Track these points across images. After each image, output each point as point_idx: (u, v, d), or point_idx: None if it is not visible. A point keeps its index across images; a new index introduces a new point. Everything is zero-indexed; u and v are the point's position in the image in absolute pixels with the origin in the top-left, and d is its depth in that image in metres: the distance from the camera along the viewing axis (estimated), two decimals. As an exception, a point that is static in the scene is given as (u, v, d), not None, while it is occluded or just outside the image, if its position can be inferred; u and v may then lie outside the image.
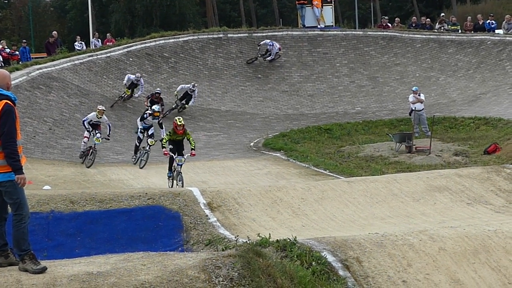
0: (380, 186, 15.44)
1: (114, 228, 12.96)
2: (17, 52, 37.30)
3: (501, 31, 38.91)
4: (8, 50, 37.29)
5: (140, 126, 25.12)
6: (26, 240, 8.58)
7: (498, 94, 33.43)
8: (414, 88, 29.19)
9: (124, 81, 32.35)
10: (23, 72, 30.35)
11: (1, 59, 35.45)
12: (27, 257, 8.51)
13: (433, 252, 10.45)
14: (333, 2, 42.52)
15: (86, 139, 24.66)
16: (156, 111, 24.85)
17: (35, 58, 38.11)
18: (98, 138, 24.42)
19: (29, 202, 9.33)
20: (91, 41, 40.50)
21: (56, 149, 26.76)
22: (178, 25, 54.63)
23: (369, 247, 10.39)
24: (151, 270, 8.49)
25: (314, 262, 9.74)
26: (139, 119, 25.43)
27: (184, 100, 32.56)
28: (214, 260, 8.78)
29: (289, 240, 10.36)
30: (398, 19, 43.56)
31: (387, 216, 14.11)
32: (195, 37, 38.07)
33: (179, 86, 32.91)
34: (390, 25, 41.54)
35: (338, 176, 21.43)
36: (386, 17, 44.11)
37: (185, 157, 20.61)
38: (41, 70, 31.04)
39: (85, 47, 38.40)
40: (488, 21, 39.82)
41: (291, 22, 53.14)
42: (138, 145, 24.97)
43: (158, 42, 36.89)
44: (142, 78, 32.58)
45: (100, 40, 40.09)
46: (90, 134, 24.61)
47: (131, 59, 35.36)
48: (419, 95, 28.39)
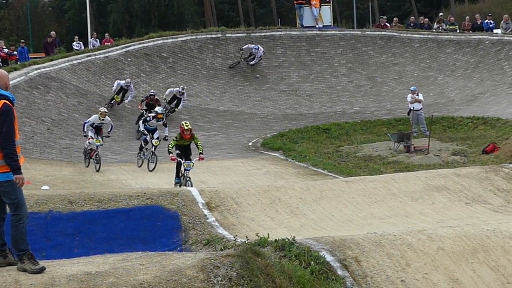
0: (378, 185, 15.44)
1: (112, 228, 12.95)
2: (15, 52, 37.30)
3: (499, 31, 38.95)
4: (6, 50, 37.27)
5: (141, 128, 24.74)
6: (24, 240, 8.58)
7: (496, 93, 33.46)
8: (412, 88, 29.22)
9: (113, 87, 31.75)
10: (21, 72, 30.36)
11: (-1, 59, 35.50)
12: (26, 257, 8.51)
13: (431, 251, 10.45)
14: (331, 2, 42.55)
15: (92, 140, 23.82)
16: (159, 113, 24.51)
17: (33, 58, 38.09)
18: (98, 139, 23.79)
19: (27, 202, 9.33)
20: (89, 41, 40.49)
21: (54, 149, 26.75)
22: (177, 25, 54.60)
23: (367, 247, 10.39)
24: (150, 270, 8.49)
25: (312, 262, 9.74)
26: (142, 122, 25.03)
27: (173, 103, 32.11)
28: (212, 260, 8.77)
29: (287, 239, 10.36)
30: (396, 19, 43.61)
31: (386, 215, 14.11)
32: (193, 37, 38.08)
33: (168, 89, 32.48)
34: (388, 24, 41.56)
35: (336, 175, 21.43)
36: (385, 16, 44.15)
37: (193, 161, 19.93)
38: (39, 70, 31.04)
39: (83, 47, 38.41)
40: (486, 20, 39.86)
41: (289, 22, 53.11)
42: (144, 146, 24.40)
43: (156, 42, 36.90)
44: (132, 83, 31.96)
45: (98, 40, 40.10)
46: (91, 137, 23.85)
47: (129, 59, 35.36)
48: (417, 95, 28.40)
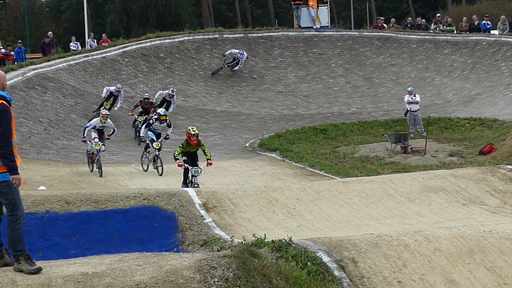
0: (375, 186, 15.45)
1: (109, 228, 12.96)
2: (12, 52, 37.25)
3: (496, 32, 39.02)
4: (3, 50, 37.20)
5: (142, 134, 23.82)
6: (21, 240, 8.57)
7: (493, 94, 33.50)
8: (410, 88, 29.23)
9: (102, 94, 30.94)
10: (19, 72, 30.35)
11: (-4, 60, 35.48)
12: (22, 257, 8.50)
13: (428, 252, 10.46)
14: (328, 3, 42.53)
15: (97, 139, 22.99)
16: (162, 115, 23.36)
17: (31, 58, 38.11)
18: (97, 143, 22.86)
19: (24, 203, 9.33)
20: (87, 41, 40.47)
21: (51, 149, 26.73)
22: (174, 25, 54.58)
23: (364, 248, 10.40)
24: (147, 271, 8.49)
25: (309, 263, 9.74)
26: (144, 126, 23.83)
27: (163, 106, 30.16)
28: (209, 260, 8.77)
29: (284, 240, 10.36)
30: (394, 20, 43.65)
31: (383, 216, 14.12)
32: (191, 37, 38.10)
33: (157, 93, 31.61)
34: (385, 25, 41.58)
35: (333, 176, 21.43)
36: (382, 17, 44.14)
37: (201, 167, 19.09)
38: (36, 71, 31.03)
39: (80, 48, 38.38)
40: (483, 21, 39.91)
41: (287, 23, 53.10)
42: (151, 145, 23.26)
43: (153, 43, 36.90)
44: (122, 89, 31.20)
45: (95, 40, 40.06)
46: (90, 141, 23.13)
47: (127, 60, 35.36)
48: (415, 96, 28.42)
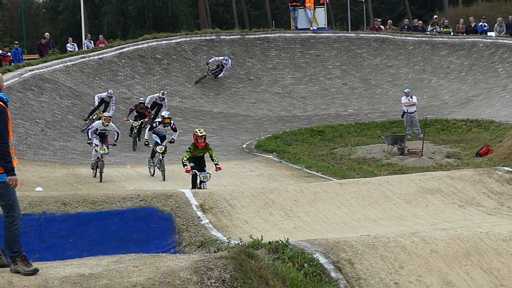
0: (372, 188, 15.46)
1: (106, 229, 12.95)
2: (9, 53, 37.20)
3: (493, 34, 39.03)
4: (0, 51, 37.21)
5: (146, 136, 23.11)
6: (17, 242, 8.57)
7: (490, 96, 33.53)
8: (406, 90, 29.25)
9: (95, 101, 29.78)
10: (15, 73, 30.32)
11: (-7, 61, 35.44)
12: (19, 258, 8.50)
13: (425, 254, 10.47)
14: (325, 4, 42.54)
15: (98, 147, 22.45)
16: (166, 117, 22.83)
17: (27, 59, 38.05)
18: (102, 148, 22.37)
19: (21, 204, 9.32)
20: (84, 42, 40.40)
21: (48, 150, 26.71)
22: (171, 26, 54.51)
23: (361, 249, 10.40)
24: (143, 272, 8.49)
25: (306, 264, 9.75)
26: (148, 129, 23.31)
27: (154, 110, 30.00)
28: (206, 262, 8.78)
29: (281, 242, 10.36)
30: (391, 21, 43.64)
31: (379, 218, 14.13)
32: (188, 38, 38.06)
33: (148, 97, 30.59)
34: (382, 27, 41.59)
35: (330, 178, 21.44)
36: (379, 19, 44.14)
37: (210, 172, 18.63)
38: (33, 72, 31.00)
39: (77, 49, 38.32)
40: (480, 23, 39.95)
41: (284, 24, 53.08)
42: (155, 150, 22.63)
43: (150, 44, 36.87)
44: (114, 95, 30.03)
45: (92, 41, 40.03)
46: (100, 143, 22.58)
47: (124, 61, 35.33)
48: (411, 97, 28.43)
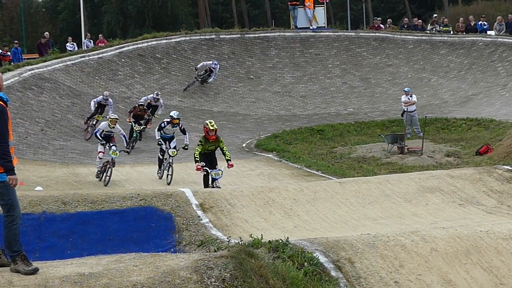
0: (372, 187, 15.46)
1: (106, 229, 12.95)
2: (9, 53, 37.21)
3: (492, 32, 39.03)
4: (0, 51, 37.23)
5: (157, 137, 22.18)
6: (17, 241, 8.57)
7: (489, 95, 33.52)
8: (406, 89, 29.26)
9: (91, 107, 29.09)
10: (15, 73, 30.31)
11: (-7, 60, 35.45)
12: (19, 258, 8.50)
13: (425, 253, 10.47)
14: (325, 3, 42.55)
15: (102, 154, 21.83)
16: (174, 118, 21.89)
17: (27, 59, 38.06)
18: (115, 151, 21.53)
19: (21, 203, 9.32)
20: (83, 42, 40.41)
21: (48, 150, 26.70)
22: (171, 26, 54.55)
23: (361, 248, 10.40)
24: (143, 271, 8.49)
25: (306, 263, 9.74)
26: (157, 129, 22.41)
27: (149, 111, 29.38)
28: (206, 261, 8.78)
29: (281, 241, 10.36)
30: (390, 20, 43.65)
31: (379, 217, 14.13)
32: (187, 38, 38.06)
33: (142, 98, 30.24)
34: (382, 26, 41.59)
35: (330, 177, 21.44)
36: (379, 18, 44.15)
37: (222, 169, 18.16)
38: (33, 71, 30.99)
39: (77, 48, 38.32)
40: (480, 22, 39.94)
41: (283, 23, 53.15)
42: (161, 158, 22.16)
43: (150, 43, 36.87)
44: (110, 97, 29.40)
45: (92, 41, 40.03)
46: (105, 148, 21.96)
47: (123, 60, 35.33)
48: (411, 96, 28.44)
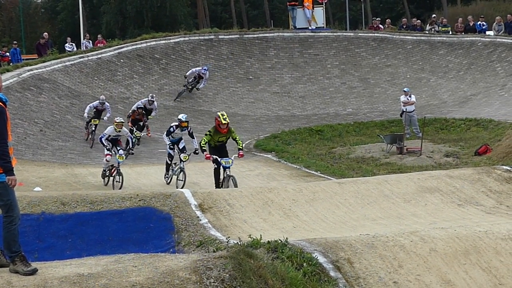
0: (371, 187, 15.45)
1: (105, 229, 12.94)
2: (7, 53, 37.23)
3: (491, 33, 39.06)
4: (-2, 51, 37.26)
5: (167, 142, 21.40)
6: (16, 242, 8.57)
7: (488, 95, 33.55)
8: (406, 89, 29.28)
9: (85, 113, 28.60)
10: (14, 73, 30.31)
11: (-8, 61, 35.46)
12: (18, 258, 8.50)
13: (424, 253, 10.47)
14: (324, 4, 42.56)
15: (109, 157, 21.40)
16: (183, 121, 21.07)
17: (26, 59, 38.11)
18: (121, 156, 21.25)
19: (20, 204, 9.32)
20: (82, 42, 40.44)
21: (47, 150, 26.70)
22: (169, 26, 54.57)
23: (360, 248, 10.40)
24: (142, 272, 8.49)
25: (305, 263, 9.74)
26: (165, 134, 21.54)
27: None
28: (205, 261, 8.78)
29: (280, 241, 10.35)
30: (389, 21, 43.68)
31: (378, 217, 14.12)
32: (186, 38, 38.09)
33: (136, 103, 29.79)
34: (381, 26, 41.61)
35: (329, 177, 21.43)
36: (378, 18, 44.17)
37: (232, 158, 17.93)
38: (32, 72, 31.00)
39: (75, 49, 38.35)
40: (478, 22, 39.97)
41: (282, 24, 53.12)
42: (169, 162, 21.56)
43: (149, 44, 36.90)
44: (107, 101, 28.99)
45: (91, 41, 40.05)
46: (112, 152, 21.62)
47: (122, 61, 35.35)
48: (410, 97, 28.45)
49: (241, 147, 18.12)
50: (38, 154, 26.01)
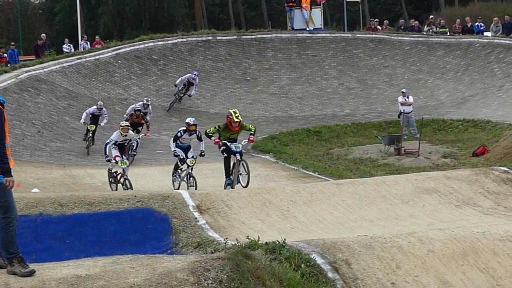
0: (369, 188, 15.45)
1: (103, 231, 12.94)
2: (5, 54, 37.17)
3: (489, 34, 39.07)
4: (-4, 52, 37.21)
5: (173, 148, 20.23)
6: (14, 243, 8.57)
7: (486, 96, 33.57)
8: (404, 90, 29.30)
9: (82, 119, 27.86)
10: (12, 74, 30.30)
11: (-11, 62, 35.41)
12: (16, 260, 8.49)
13: (421, 254, 10.47)
14: (322, 5, 42.53)
15: (119, 158, 20.40)
16: (191, 124, 19.98)
17: (24, 60, 38.07)
18: (123, 162, 20.38)
19: (17, 205, 9.32)
20: (80, 43, 40.42)
21: (44, 152, 26.68)
22: (167, 27, 54.53)
23: (358, 249, 10.40)
24: (140, 273, 8.48)
25: (303, 265, 9.74)
26: (172, 140, 20.46)
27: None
28: (203, 262, 8.78)
29: (278, 242, 10.35)
30: (387, 22, 43.65)
31: (376, 218, 14.13)
32: (184, 39, 38.05)
33: (129, 107, 29.26)
34: (379, 27, 41.60)
35: (327, 178, 21.44)
36: (376, 19, 44.15)
37: (242, 142, 17.40)
38: (29, 73, 30.98)
39: (73, 50, 38.32)
40: (476, 23, 39.97)
41: (280, 25, 53.08)
42: (180, 165, 20.53)
43: (147, 45, 36.85)
44: (104, 107, 28.43)
45: (88, 42, 40.00)
46: (121, 155, 20.59)
47: (120, 62, 35.31)
48: (408, 98, 28.47)
49: (253, 132, 17.81)
50: (35, 156, 26.00)
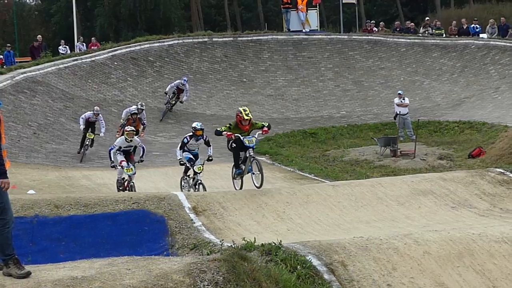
0: (365, 190, 15.46)
1: (98, 232, 12.93)
2: (1, 56, 37.19)
3: (485, 35, 39.09)
4: (-8, 54, 37.23)
5: (179, 157, 19.21)
6: (10, 244, 8.55)
7: (482, 98, 33.60)
8: (400, 91, 29.33)
9: (80, 125, 27.47)
10: (7, 76, 30.26)
11: (-15, 63, 35.39)
12: (11, 261, 8.48)
13: (417, 255, 10.48)
14: (318, 6, 42.56)
15: (125, 163, 19.87)
16: (198, 129, 19.00)
17: (20, 62, 37.95)
18: (129, 168, 19.81)
19: (13, 207, 9.30)
20: (76, 45, 40.37)
21: (40, 153, 26.66)
22: (163, 29, 54.47)
23: (354, 251, 10.40)
24: (136, 275, 8.48)
25: (299, 266, 9.74)
26: (178, 148, 19.34)
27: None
28: (199, 264, 8.77)
29: (274, 244, 10.35)
30: (383, 23, 43.68)
31: (372, 220, 14.13)
32: (180, 41, 38.04)
33: (123, 112, 28.66)
34: (375, 29, 41.63)
35: (323, 180, 21.46)
36: (372, 21, 44.17)
37: (256, 136, 16.46)
38: (25, 74, 30.94)
39: (69, 51, 38.30)
40: (472, 25, 39.99)
41: (276, 26, 52.99)
42: (190, 167, 19.45)
43: (143, 46, 36.82)
44: (101, 114, 27.83)
45: (84, 44, 39.99)
46: (126, 162, 20.00)
47: (116, 63, 35.29)
48: (404, 99, 28.50)
49: (267, 126, 16.68)
50: (31, 157, 25.98)
